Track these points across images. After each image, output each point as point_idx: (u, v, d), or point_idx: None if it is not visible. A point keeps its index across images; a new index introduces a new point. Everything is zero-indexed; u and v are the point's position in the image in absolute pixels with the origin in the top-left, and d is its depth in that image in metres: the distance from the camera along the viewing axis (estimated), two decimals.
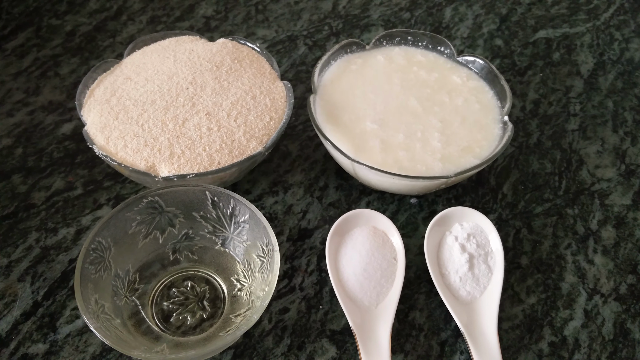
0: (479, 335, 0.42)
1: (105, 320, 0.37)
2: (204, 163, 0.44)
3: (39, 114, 0.56)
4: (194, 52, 0.51)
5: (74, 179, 0.51)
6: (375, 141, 0.47)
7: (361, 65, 0.54)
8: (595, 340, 0.44)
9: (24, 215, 0.48)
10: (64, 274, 0.45)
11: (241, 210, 0.42)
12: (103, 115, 0.46)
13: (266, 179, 0.52)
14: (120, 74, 0.50)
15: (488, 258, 0.45)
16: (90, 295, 0.37)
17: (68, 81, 0.60)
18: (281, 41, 0.66)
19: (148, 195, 0.41)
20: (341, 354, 0.42)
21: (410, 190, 0.47)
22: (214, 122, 0.46)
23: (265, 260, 0.40)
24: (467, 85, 0.52)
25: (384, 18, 0.70)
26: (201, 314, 0.42)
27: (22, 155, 0.53)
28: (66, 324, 0.42)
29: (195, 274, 0.44)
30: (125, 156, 0.44)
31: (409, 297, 0.45)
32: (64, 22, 0.66)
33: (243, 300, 0.42)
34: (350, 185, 0.52)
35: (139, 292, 0.42)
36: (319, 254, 0.47)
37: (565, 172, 0.55)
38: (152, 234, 0.43)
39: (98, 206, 0.49)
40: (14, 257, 0.46)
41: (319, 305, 0.44)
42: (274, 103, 0.49)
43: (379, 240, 0.45)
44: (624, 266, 0.48)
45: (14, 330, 0.42)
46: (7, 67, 0.60)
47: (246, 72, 0.51)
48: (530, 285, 0.47)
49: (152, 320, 0.42)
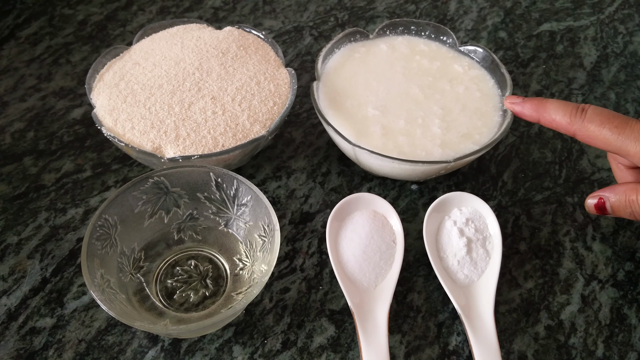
0: (476, 318, 0.42)
1: (111, 294, 0.39)
2: (209, 145, 0.45)
3: (51, 99, 0.58)
4: (201, 39, 0.53)
5: (83, 162, 0.52)
6: (377, 127, 0.48)
7: (364, 53, 0.54)
8: (591, 325, 0.44)
9: (34, 195, 0.50)
10: (72, 252, 0.46)
11: (244, 192, 0.43)
12: (112, 98, 0.47)
13: (270, 164, 0.53)
14: (129, 59, 0.51)
15: (486, 242, 0.46)
16: (97, 270, 0.39)
17: (79, 68, 0.61)
18: (287, 32, 0.67)
19: (154, 175, 0.42)
20: (340, 332, 0.43)
21: (410, 175, 0.48)
22: (218, 106, 0.47)
23: (267, 240, 0.41)
24: (468, 74, 0.53)
25: (389, 10, 0.71)
26: (204, 292, 0.43)
27: (33, 138, 0.54)
28: (73, 300, 0.44)
29: (199, 254, 0.45)
30: (132, 138, 0.45)
31: (408, 279, 0.46)
32: (76, 11, 0.68)
33: (245, 278, 0.43)
34: (352, 172, 0.53)
35: (144, 270, 0.44)
36: (320, 236, 0.48)
37: (565, 161, 0.55)
38: (157, 214, 0.45)
39: (106, 188, 0.51)
40: (24, 235, 0.47)
41: (319, 285, 0.45)
42: (277, 89, 0.50)
43: (379, 223, 0.46)
44: (622, 253, 0.49)
45: (22, 304, 0.43)
46: (20, 54, 0.62)
47: (251, 58, 0.52)
48: (528, 270, 0.47)
49: (156, 297, 0.43)
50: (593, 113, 0.40)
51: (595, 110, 0.40)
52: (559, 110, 0.42)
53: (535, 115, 0.44)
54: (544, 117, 0.43)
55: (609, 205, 0.44)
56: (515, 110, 0.46)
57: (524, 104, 0.45)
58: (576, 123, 0.41)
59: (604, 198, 0.44)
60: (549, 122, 0.43)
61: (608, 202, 0.44)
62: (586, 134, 0.40)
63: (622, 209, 0.43)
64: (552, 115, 0.42)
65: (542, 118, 0.43)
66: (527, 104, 0.45)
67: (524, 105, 0.45)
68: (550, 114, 0.43)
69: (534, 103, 0.44)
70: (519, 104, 0.45)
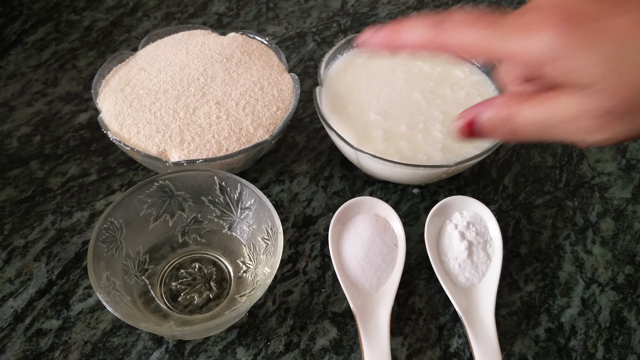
0: (477, 320, 0.43)
1: (116, 296, 0.39)
2: (213, 149, 0.46)
3: (57, 104, 0.58)
4: (206, 45, 0.53)
5: (88, 166, 0.53)
6: (379, 131, 0.49)
7: (366, 59, 0.55)
8: (591, 328, 0.45)
9: (40, 199, 0.51)
10: (78, 254, 0.47)
11: (247, 195, 0.43)
12: (117, 103, 0.48)
13: (273, 169, 0.54)
14: (134, 64, 0.52)
15: (487, 246, 0.46)
16: (102, 272, 0.39)
17: (85, 73, 0.62)
18: (290, 37, 0.68)
19: (159, 179, 0.43)
20: (342, 335, 0.43)
21: (411, 180, 0.49)
22: (223, 111, 0.48)
23: (270, 243, 0.42)
24: (469, 79, 0.53)
25: (391, 16, 0.71)
26: (208, 294, 0.44)
27: (40, 142, 0.55)
28: (79, 302, 0.44)
29: (203, 256, 0.46)
30: (138, 142, 0.46)
31: (409, 282, 0.47)
32: (82, 17, 0.69)
33: (248, 281, 0.44)
34: (355, 176, 0.54)
35: (149, 272, 0.44)
36: (323, 240, 0.49)
37: (566, 165, 0.56)
38: (162, 217, 0.45)
39: (111, 192, 0.51)
40: (30, 238, 0.48)
41: (321, 288, 0.46)
42: (281, 94, 0.50)
43: (381, 226, 0.46)
44: (622, 257, 0.49)
45: (29, 306, 0.44)
46: (27, 59, 0.63)
47: (255, 64, 0.52)
48: (529, 273, 0.48)
49: (160, 299, 0.43)
50: (457, 16, 0.30)
51: (458, 14, 0.31)
52: (417, 25, 0.32)
53: (391, 41, 0.33)
54: (400, 40, 0.33)
55: (480, 124, 0.33)
56: (369, 44, 0.34)
57: (377, 32, 0.34)
58: (438, 31, 0.31)
59: (475, 114, 0.33)
60: (409, 44, 0.32)
61: (480, 119, 0.32)
62: (449, 41, 0.31)
63: (498, 126, 0.32)
64: (410, 33, 0.32)
65: (399, 42, 0.33)
66: (380, 31, 0.34)
67: (377, 33, 0.34)
68: (408, 32, 0.32)
69: (386, 29, 0.33)
70: (371, 35, 0.34)
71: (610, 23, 0.27)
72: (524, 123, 0.31)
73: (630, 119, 0.28)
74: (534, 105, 0.31)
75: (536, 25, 0.28)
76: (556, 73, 0.28)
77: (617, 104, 0.28)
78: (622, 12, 0.27)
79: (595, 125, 0.29)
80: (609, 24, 0.27)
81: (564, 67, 0.28)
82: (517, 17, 0.29)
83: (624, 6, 0.27)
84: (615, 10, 0.27)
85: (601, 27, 0.27)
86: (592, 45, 0.27)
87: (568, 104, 0.29)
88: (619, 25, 0.27)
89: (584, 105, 0.28)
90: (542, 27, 0.28)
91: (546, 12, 0.28)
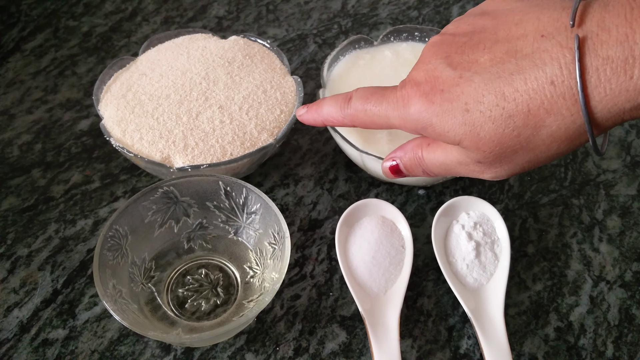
0: (486, 321, 0.42)
1: (123, 304, 0.39)
2: (217, 154, 0.45)
3: (57, 111, 0.58)
4: (207, 49, 0.53)
5: (91, 173, 0.53)
6: (383, 133, 0.48)
7: (369, 60, 0.55)
8: (600, 326, 0.45)
9: (43, 207, 0.50)
10: (83, 263, 0.47)
11: (253, 200, 0.43)
12: (119, 109, 0.48)
13: (277, 172, 0.54)
14: (135, 70, 0.52)
15: (494, 246, 0.46)
16: (108, 281, 0.39)
17: (85, 80, 0.61)
18: (291, 40, 0.67)
19: (163, 185, 0.43)
20: (351, 338, 0.43)
21: (417, 181, 0.48)
22: (226, 115, 0.47)
23: (277, 247, 0.41)
24: None
25: (392, 16, 0.71)
26: (215, 300, 0.44)
27: (41, 150, 0.54)
28: (85, 311, 0.44)
29: (209, 262, 0.46)
30: (141, 148, 0.45)
31: (417, 284, 0.46)
32: (81, 23, 0.68)
33: (255, 286, 0.43)
34: (360, 178, 0.53)
35: (155, 279, 0.44)
36: (329, 243, 0.49)
37: (571, 163, 0.56)
38: (167, 224, 0.45)
39: (115, 199, 0.51)
40: (34, 247, 0.47)
41: (329, 292, 0.46)
42: (284, 97, 0.50)
43: (387, 229, 0.46)
44: (629, 254, 0.49)
45: (34, 316, 0.44)
46: (26, 66, 0.63)
47: (257, 67, 0.52)
48: (537, 272, 0.47)
49: (167, 307, 0.43)
50: (356, 95, 0.38)
51: (359, 91, 0.38)
52: (331, 104, 0.40)
53: (318, 119, 0.42)
54: (324, 118, 0.41)
55: (402, 166, 0.40)
56: (303, 119, 0.43)
57: (308, 111, 0.42)
58: (345, 110, 0.39)
59: (396, 159, 0.40)
60: (328, 122, 0.41)
61: (400, 162, 0.40)
62: (356, 117, 0.38)
63: (414, 167, 0.39)
64: (327, 112, 0.40)
65: (323, 119, 0.41)
66: (309, 111, 0.42)
67: (308, 112, 0.43)
68: (325, 111, 0.41)
69: (312, 108, 0.42)
70: (304, 114, 0.43)
71: (460, 90, 0.32)
72: (430, 164, 0.38)
73: (501, 165, 0.33)
74: (433, 150, 0.37)
75: (407, 100, 0.34)
76: (434, 135, 0.34)
77: (482, 157, 0.33)
78: (468, 80, 0.31)
79: (478, 169, 0.35)
80: (459, 91, 0.32)
81: (435, 131, 0.33)
82: (396, 91, 0.35)
83: (470, 71, 0.32)
84: (464, 77, 0.32)
85: (454, 95, 0.32)
86: (451, 113, 0.32)
87: (452, 153, 0.35)
88: (466, 92, 0.31)
89: (462, 156, 0.34)
90: (412, 101, 0.34)
91: (412, 87, 0.34)
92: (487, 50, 0.32)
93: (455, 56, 0.33)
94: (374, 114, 0.37)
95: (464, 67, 0.32)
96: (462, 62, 0.32)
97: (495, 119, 0.31)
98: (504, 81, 0.30)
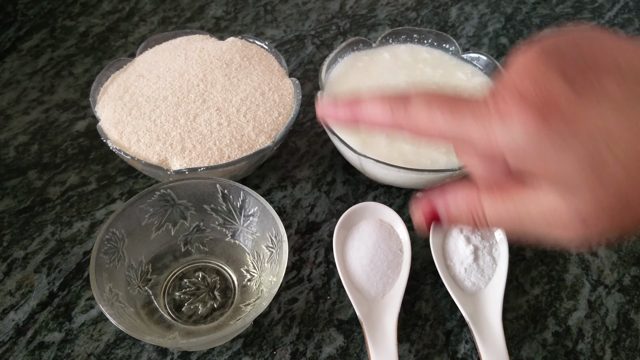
0: (484, 325, 0.42)
1: (120, 308, 0.39)
2: (215, 157, 0.45)
3: (54, 112, 0.58)
4: (205, 50, 0.53)
5: (88, 175, 0.53)
6: (381, 135, 0.48)
7: (368, 62, 0.55)
8: (598, 330, 0.44)
9: (39, 209, 0.50)
10: (79, 265, 0.46)
11: (251, 203, 0.43)
12: (116, 111, 0.47)
13: (275, 174, 0.53)
14: (132, 71, 0.51)
15: (492, 250, 0.46)
16: (105, 284, 0.38)
17: (82, 80, 0.61)
18: (289, 41, 0.67)
19: (160, 188, 0.43)
20: (348, 342, 0.43)
21: (416, 184, 0.48)
22: (224, 118, 0.47)
23: (274, 251, 0.41)
24: (471, 81, 0.53)
25: (391, 18, 0.71)
26: (212, 304, 0.43)
27: (37, 151, 0.54)
28: (81, 314, 0.44)
29: (206, 265, 0.45)
30: (138, 150, 0.45)
31: (415, 288, 0.46)
32: (78, 23, 0.68)
33: (253, 290, 0.43)
34: (357, 180, 0.53)
35: (152, 283, 0.44)
36: (327, 246, 0.48)
37: None
38: (164, 226, 0.45)
39: (111, 200, 0.51)
40: (30, 249, 0.47)
41: (326, 295, 0.45)
42: (282, 99, 0.50)
43: (385, 232, 0.46)
44: (628, 258, 0.49)
45: (30, 319, 0.43)
46: (22, 67, 0.62)
47: (255, 69, 0.52)
48: (535, 276, 0.47)
49: (164, 310, 0.43)
50: (418, 97, 0.29)
51: (420, 96, 0.29)
52: (377, 105, 0.31)
53: (351, 117, 0.32)
54: (362, 116, 0.32)
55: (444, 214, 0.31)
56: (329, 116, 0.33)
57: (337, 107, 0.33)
58: (399, 114, 0.29)
59: (438, 204, 0.31)
60: (369, 121, 0.31)
61: (445, 210, 0.31)
62: (415, 125, 0.28)
63: (465, 217, 0.30)
64: (371, 114, 0.31)
65: (360, 117, 0.32)
66: (340, 107, 0.33)
67: (336, 109, 0.33)
68: (367, 112, 0.31)
69: (346, 102, 0.33)
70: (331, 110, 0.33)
71: (584, 114, 0.24)
72: (497, 217, 0.28)
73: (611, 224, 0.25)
74: (510, 198, 0.28)
75: (507, 115, 0.25)
76: (534, 168, 0.26)
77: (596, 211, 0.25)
78: (595, 104, 0.24)
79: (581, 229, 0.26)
80: (582, 116, 0.24)
81: (542, 164, 0.25)
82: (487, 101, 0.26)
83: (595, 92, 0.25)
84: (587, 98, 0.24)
85: (575, 118, 0.24)
86: (570, 141, 0.24)
87: (544, 203, 0.26)
88: (593, 119, 0.24)
89: (561, 207, 0.26)
90: (516, 118, 0.25)
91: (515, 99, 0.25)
92: (611, 74, 0.25)
93: (571, 71, 0.26)
94: (443, 128, 0.27)
95: (583, 85, 0.25)
96: (582, 81, 0.25)
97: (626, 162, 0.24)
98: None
